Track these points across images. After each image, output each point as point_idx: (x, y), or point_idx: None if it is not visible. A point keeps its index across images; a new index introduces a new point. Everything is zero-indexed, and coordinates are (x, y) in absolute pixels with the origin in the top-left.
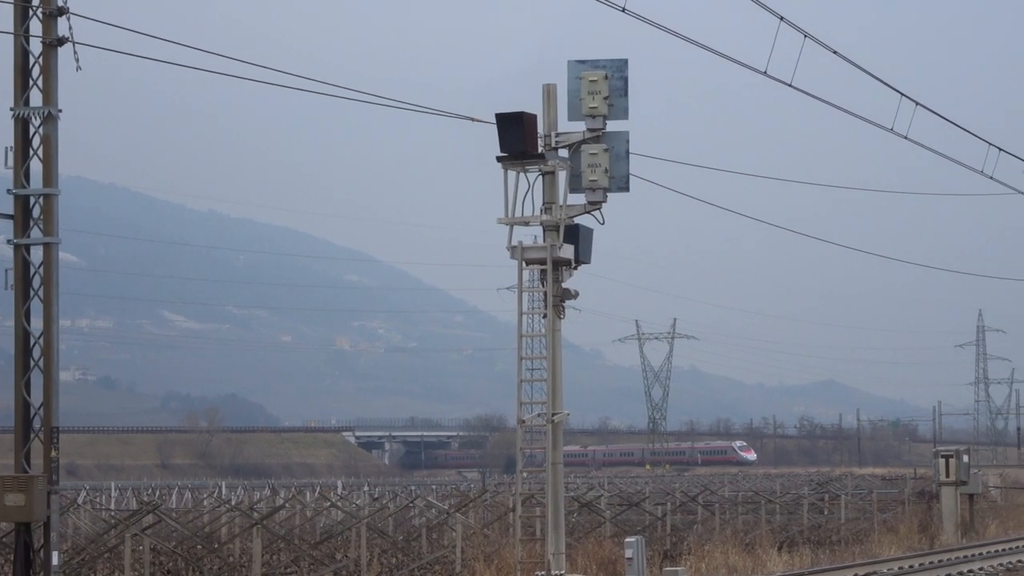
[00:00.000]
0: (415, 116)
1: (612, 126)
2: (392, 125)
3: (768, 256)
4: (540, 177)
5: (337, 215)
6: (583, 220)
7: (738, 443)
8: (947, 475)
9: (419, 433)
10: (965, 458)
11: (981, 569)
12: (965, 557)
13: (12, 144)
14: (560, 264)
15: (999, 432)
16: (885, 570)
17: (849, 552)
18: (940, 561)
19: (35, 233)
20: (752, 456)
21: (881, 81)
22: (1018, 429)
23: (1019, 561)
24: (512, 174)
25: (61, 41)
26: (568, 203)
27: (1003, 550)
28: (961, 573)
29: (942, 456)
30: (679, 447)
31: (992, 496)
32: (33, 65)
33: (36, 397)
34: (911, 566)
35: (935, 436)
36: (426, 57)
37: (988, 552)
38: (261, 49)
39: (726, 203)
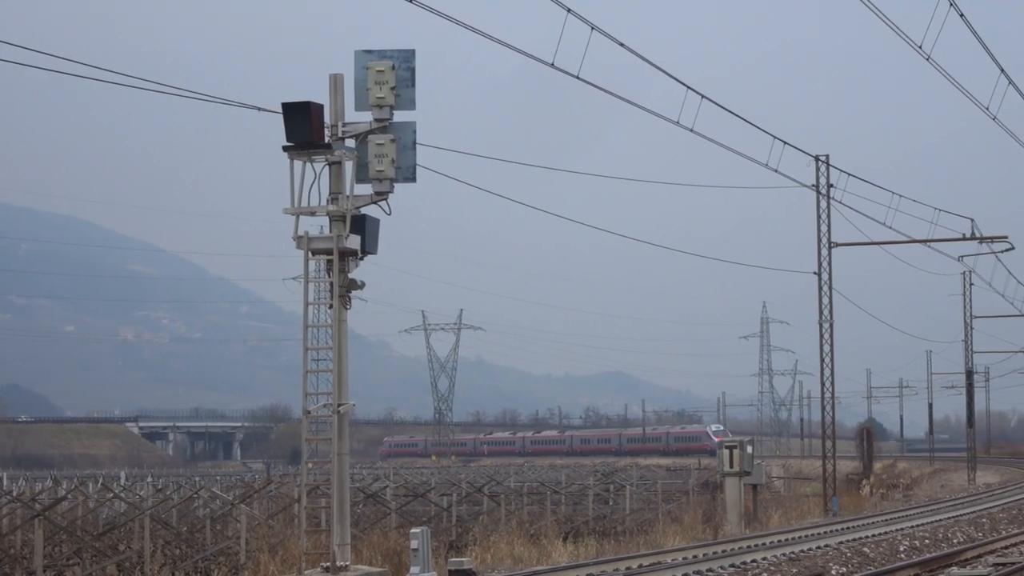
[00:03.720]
0: (201, 105)
1: (399, 116)
2: (179, 114)
3: (556, 247)
4: (327, 167)
5: (122, 204)
6: (370, 210)
7: (713, 427)
8: (731, 466)
9: (203, 424)
10: (749, 449)
11: (764, 559)
12: (749, 547)
13: None
14: (347, 254)
15: (782, 423)
16: (669, 560)
17: (634, 542)
18: (724, 551)
19: None
20: None
21: (667, 74)
22: (801, 420)
23: (801, 551)
24: (298, 164)
25: None
26: (355, 193)
27: (786, 540)
28: (744, 563)
29: (726, 447)
30: (655, 433)
31: (775, 487)
32: None
33: None
34: (695, 556)
35: None
36: (218, 46)
37: (771, 542)
38: (38, 31)
39: (516, 195)
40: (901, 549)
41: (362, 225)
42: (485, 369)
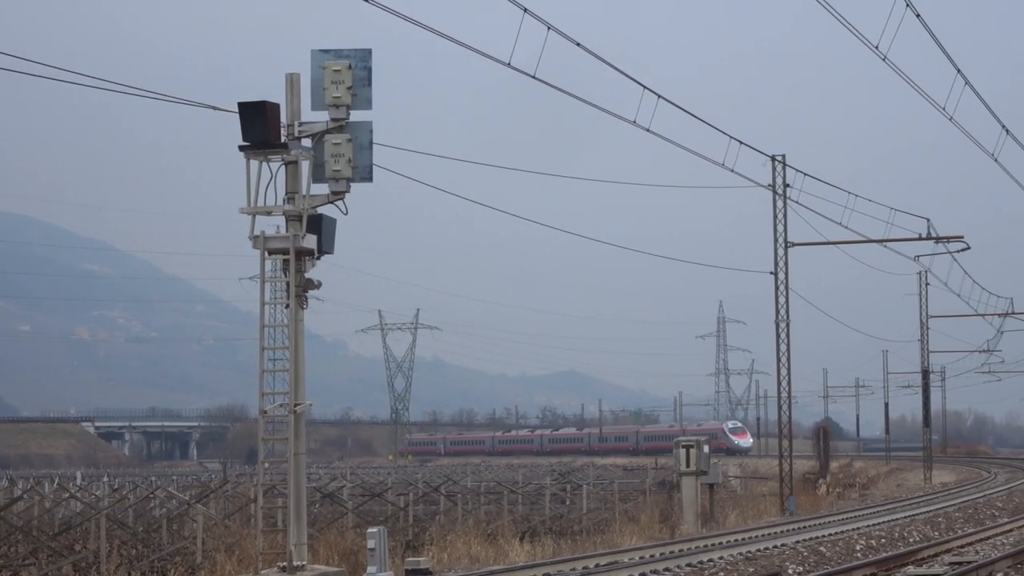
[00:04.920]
0: (157, 104)
1: (356, 116)
2: (135, 113)
3: (513, 247)
4: (283, 167)
5: (77, 204)
6: (327, 210)
7: (730, 424)
8: (687, 465)
9: (159, 423)
10: (705, 448)
11: (721, 558)
12: (706, 547)
13: None
14: (303, 254)
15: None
16: (626, 559)
17: (591, 542)
18: (681, 551)
19: None
20: (747, 441)
21: (624, 74)
22: (757, 419)
23: (758, 550)
24: (255, 163)
25: None
26: (311, 193)
27: (742, 539)
28: (701, 562)
29: (682, 446)
30: (672, 431)
31: (732, 486)
32: None
33: None
34: (652, 555)
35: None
36: (172, 45)
37: (728, 542)
38: None
39: (468, 194)
40: (857, 548)
41: (319, 225)
42: (441, 369)
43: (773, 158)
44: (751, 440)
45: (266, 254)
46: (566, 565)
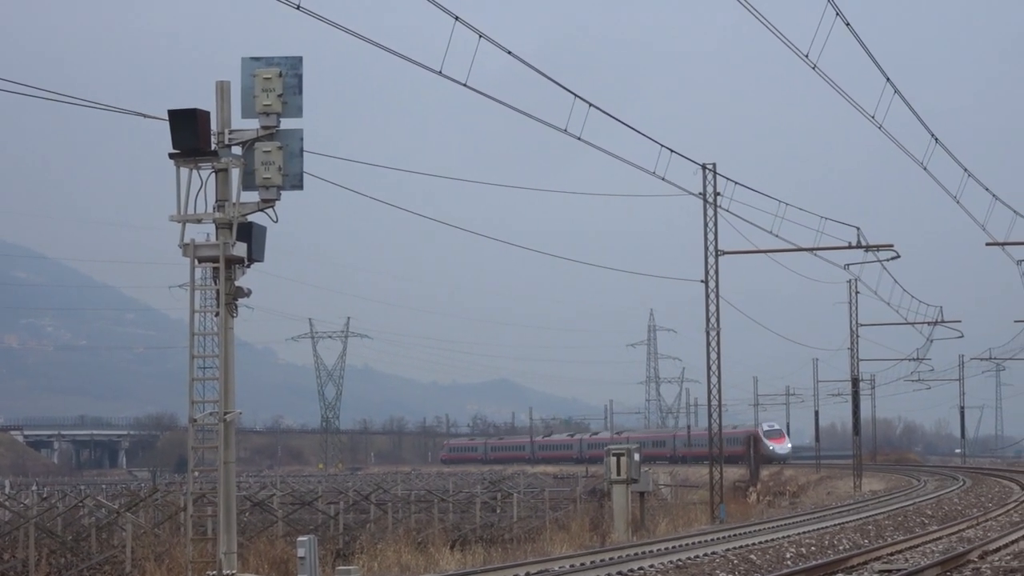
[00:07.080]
0: (87, 112)
1: (286, 124)
2: (62, 120)
3: (444, 255)
4: (213, 174)
5: (4, 211)
6: (257, 218)
7: (766, 426)
8: (618, 473)
9: (89, 432)
10: (636, 456)
11: (652, 566)
12: (636, 555)
13: None
14: (233, 262)
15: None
16: (556, 568)
17: (521, 550)
18: (612, 559)
19: None
20: (785, 447)
21: (555, 83)
22: (688, 427)
23: (688, 558)
24: (185, 171)
25: None
26: (242, 201)
27: (673, 547)
28: (632, 570)
29: (613, 454)
30: (702, 434)
31: (663, 494)
32: None
33: None
34: (582, 564)
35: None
36: (101, 52)
37: (659, 550)
38: None
39: (400, 202)
40: (787, 556)
41: (249, 232)
42: (372, 377)
43: (704, 166)
44: (789, 445)
45: (196, 262)
46: (496, 573)
